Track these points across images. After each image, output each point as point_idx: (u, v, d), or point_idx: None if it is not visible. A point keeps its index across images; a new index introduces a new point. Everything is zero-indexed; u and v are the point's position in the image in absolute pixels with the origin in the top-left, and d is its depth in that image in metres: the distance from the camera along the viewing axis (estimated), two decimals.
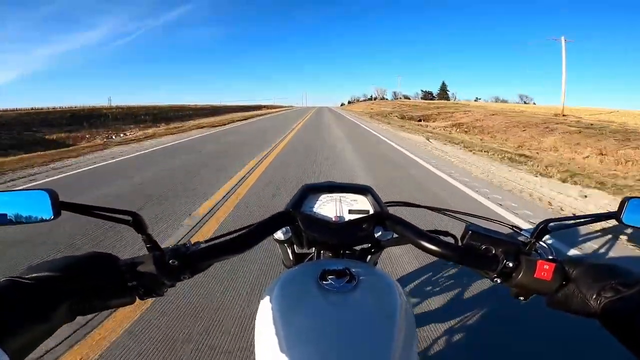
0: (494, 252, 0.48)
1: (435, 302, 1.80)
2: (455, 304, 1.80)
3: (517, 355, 1.48)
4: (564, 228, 0.49)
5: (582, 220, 0.49)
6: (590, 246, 2.55)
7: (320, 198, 0.62)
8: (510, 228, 0.57)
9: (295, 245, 0.68)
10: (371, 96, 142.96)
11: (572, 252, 2.42)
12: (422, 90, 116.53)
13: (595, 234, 2.74)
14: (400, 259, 2.23)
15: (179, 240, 2.57)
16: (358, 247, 0.68)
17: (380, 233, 0.58)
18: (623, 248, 2.56)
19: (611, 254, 2.47)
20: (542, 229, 0.47)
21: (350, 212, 0.61)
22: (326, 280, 0.49)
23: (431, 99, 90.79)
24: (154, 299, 0.52)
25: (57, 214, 0.42)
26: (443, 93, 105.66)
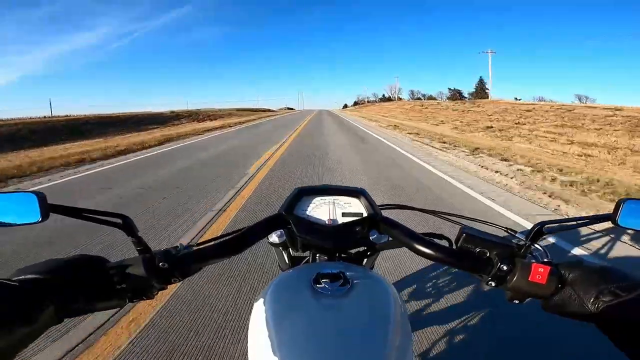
0: (488, 255, 0.48)
1: (431, 305, 1.79)
2: (451, 306, 1.79)
3: (515, 358, 1.47)
4: (559, 230, 0.48)
5: (577, 222, 0.48)
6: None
7: (314, 201, 0.61)
8: (505, 230, 0.57)
9: (290, 249, 0.68)
10: (383, 95, 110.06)
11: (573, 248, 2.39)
12: (449, 89, 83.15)
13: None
14: (397, 262, 2.22)
15: None
16: (354, 250, 0.68)
17: (375, 236, 0.58)
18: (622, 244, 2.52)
19: (611, 252, 2.46)
20: (537, 231, 0.47)
21: (344, 215, 0.61)
22: (320, 283, 0.49)
23: (460, 99, 61.13)
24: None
25: (45, 216, 0.41)
26: (481, 92, 71.99)
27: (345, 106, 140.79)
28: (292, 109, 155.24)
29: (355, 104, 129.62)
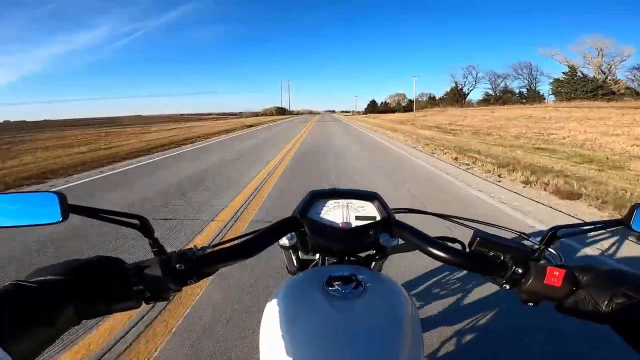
0: (502, 258, 0.48)
1: (442, 307, 1.79)
2: (462, 308, 1.79)
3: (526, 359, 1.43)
4: (573, 235, 0.49)
5: (591, 226, 0.49)
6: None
7: (327, 204, 0.61)
8: (518, 234, 0.57)
9: (300, 252, 0.68)
10: (457, 87, 56.02)
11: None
12: None
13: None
14: (407, 264, 2.21)
15: None
16: (363, 254, 0.68)
17: (385, 239, 0.58)
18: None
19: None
20: (551, 235, 0.47)
21: (357, 218, 0.61)
22: (332, 286, 0.49)
23: None
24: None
25: (65, 216, 0.42)
26: None
27: (374, 105, 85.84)
28: (284, 110, 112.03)
29: (386, 107, 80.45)
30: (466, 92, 52.21)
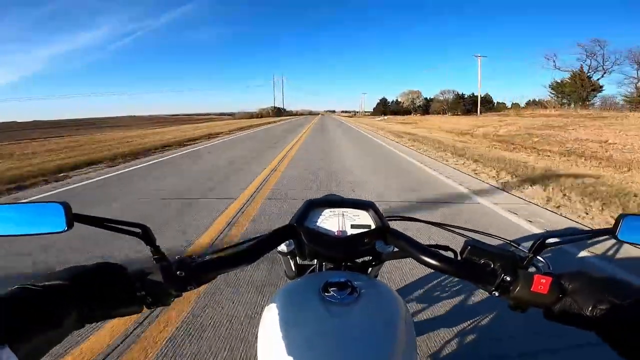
0: (492, 266, 0.49)
1: (436, 313, 1.80)
2: (455, 314, 1.80)
3: None
4: (561, 244, 0.50)
5: (578, 236, 0.51)
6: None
7: (324, 213, 0.63)
8: (508, 243, 0.58)
9: (297, 257, 0.69)
10: (582, 72, 28.66)
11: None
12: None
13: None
14: (402, 270, 2.23)
15: None
16: (359, 260, 0.70)
17: (381, 247, 0.60)
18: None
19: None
20: (539, 244, 0.48)
21: (353, 226, 0.62)
22: (328, 292, 0.51)
23: None
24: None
25: (70, 225, 0.43)
26: None
27: (385, 104, 75.59)
28: (281, 110, 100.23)
29: (384, 105, 72.46)
30: (599, 83, 28.22)
